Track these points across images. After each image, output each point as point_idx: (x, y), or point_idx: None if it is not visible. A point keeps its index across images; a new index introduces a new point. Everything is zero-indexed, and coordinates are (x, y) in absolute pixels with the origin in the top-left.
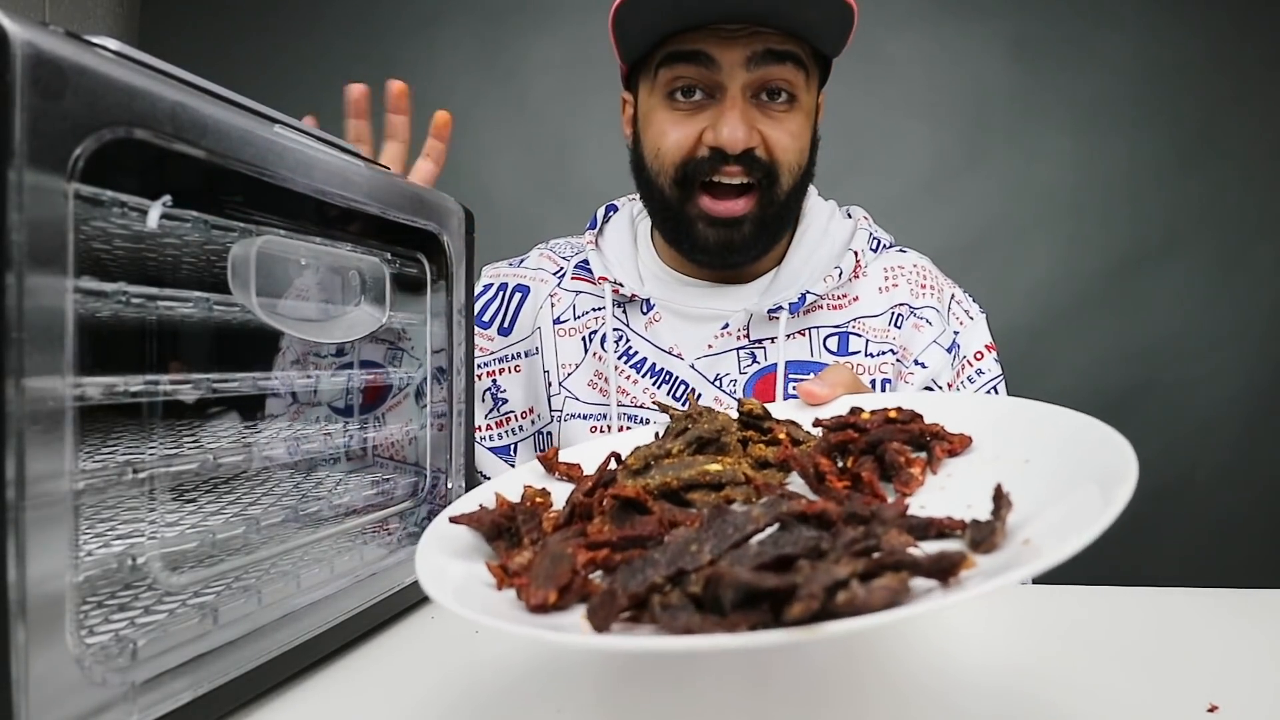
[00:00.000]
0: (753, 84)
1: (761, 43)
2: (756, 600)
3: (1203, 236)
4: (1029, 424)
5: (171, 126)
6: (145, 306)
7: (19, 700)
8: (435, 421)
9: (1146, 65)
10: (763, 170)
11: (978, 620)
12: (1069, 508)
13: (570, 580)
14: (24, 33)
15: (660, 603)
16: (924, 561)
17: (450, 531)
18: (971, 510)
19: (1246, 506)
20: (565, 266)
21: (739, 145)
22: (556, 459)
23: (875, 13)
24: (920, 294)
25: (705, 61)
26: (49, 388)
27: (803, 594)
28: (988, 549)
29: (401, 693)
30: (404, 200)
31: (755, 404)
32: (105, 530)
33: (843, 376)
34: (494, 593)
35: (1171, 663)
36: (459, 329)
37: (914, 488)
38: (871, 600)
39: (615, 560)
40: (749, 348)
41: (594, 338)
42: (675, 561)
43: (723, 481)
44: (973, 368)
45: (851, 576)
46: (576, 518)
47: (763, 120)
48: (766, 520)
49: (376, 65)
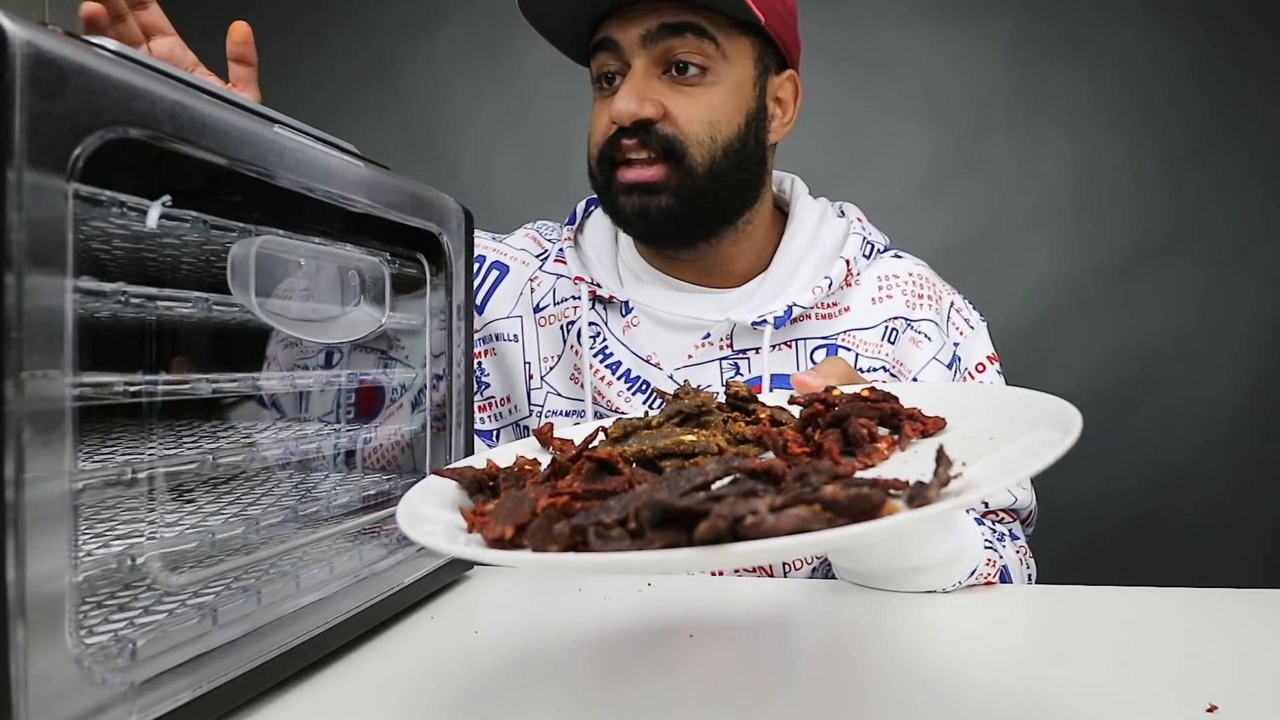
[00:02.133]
0: (656, 59)
1: (656, 18)
2: (674, 523)
3: (1203, 236)
4: (999, 406)
5: (171, 126)
6: (144, 306)
7: (18, 700)
8: (434, 422)
9: (1146, 65)
10: (663, 143)
11: (978, 619)
12: (997, 461)
13: (529, 519)
14: (24, 33)
15: (596, 531)
16: (842, 499)
17: (438, 486)
18: (927, 478)
19: (1246, 506)
20: (549, 250)
21: (624, 118)
22: (551, 434)
23: (875, 13)
24: (917, 305)
25: (611, 46)
26: (49, 387)
27: (712, 515)
28: (921, 503)
29: (401, 693)
30: (404, 200)
31: (741, 386)
32: (105, 530)
33: (837, 369)
34: (461, 534)
35: (1171, 663)
36: (459, 328)
37: (876, 459)
38: (779, 525)
39: (576, 507)
40: (732, 358)
41: (571, 329)
42: (627, 507)
43: (695, 451)
44: (974, 380)
45: (767, 507)
46: (554, 476)
47: (670, 93)
48: (718, 473)
49: (376, 65)
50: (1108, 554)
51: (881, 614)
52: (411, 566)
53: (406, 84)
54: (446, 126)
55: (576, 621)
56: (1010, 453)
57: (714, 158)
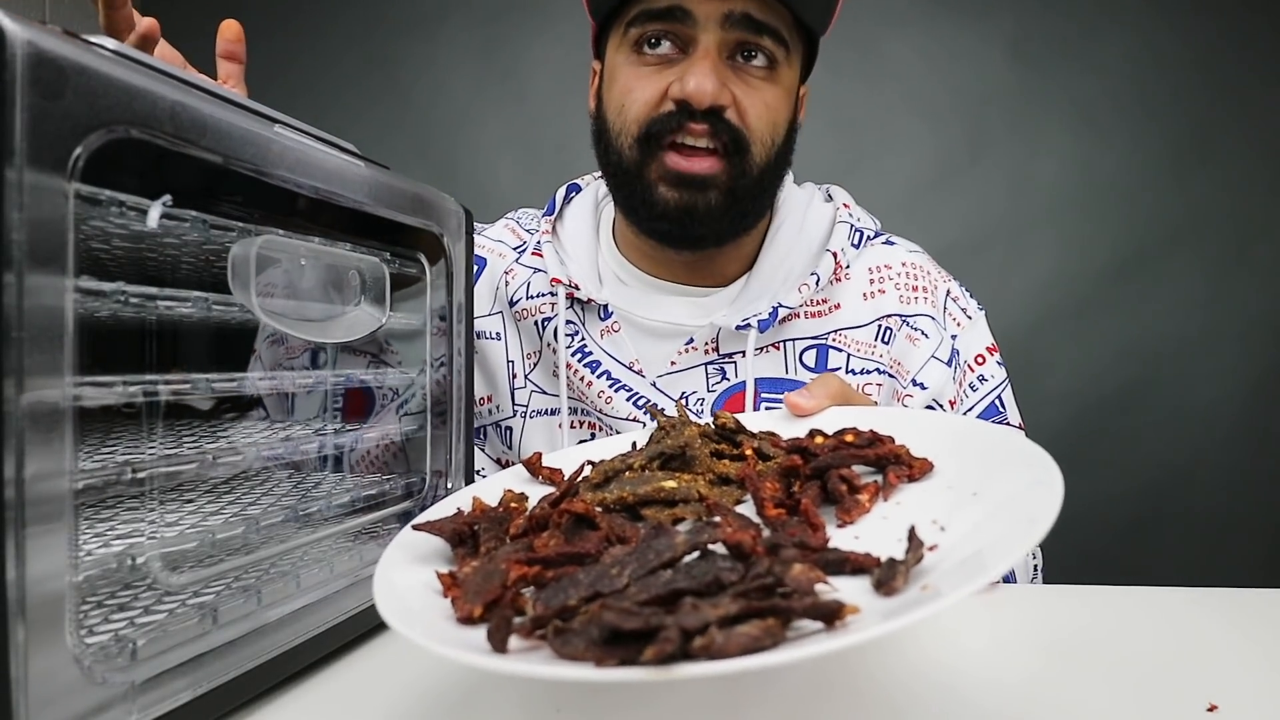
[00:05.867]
0: (728, 44)
1: (742, 4)
2: (627, 639)
3: (1202, 236)
4: (986, 451)
5: (171, 126)
6: (144, 306)
7: (18, 699)
8: (435, 421)
9: (1146, 65)
10: (732, 134)
11: (977, 619)
12: (973, 552)
13: (499, 595)
14: (24, 33)
15: (555, 629)
16: (798, 608)
17: (417, 539)
18: (902, 545)
19: (1246, 506)
20: (528, 241)
21: (706, 99)
22: (540, 464)
23: (875, 12)
24: (912, 298)
25: (679, 16)
26: (49, 387)
27: (660, 637)
28: (888, 592)
29: (402, 693)
30: (404, 200)
31: (729, 417)
32: (105, 530)
33: (831, 387)
34: (439, 599)
35: (1171, 663)
36: (459, 328)
37: (856, 515)
38: (727, 647)
39: (547, 577)
40: (718, 362)
41: (546, 326)
42: (595, 584)
43: (676, 499)
44: (974, 374)
45: (718, 621)
46: (533, 529)
47: (736, 82)
48: (685, 548)
49: (376, 63)
50: (1108, 553)
51: None
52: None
53: (406, 83)
54: (446, 125)
55: None
56: (982, 545)
57: (768, 159)
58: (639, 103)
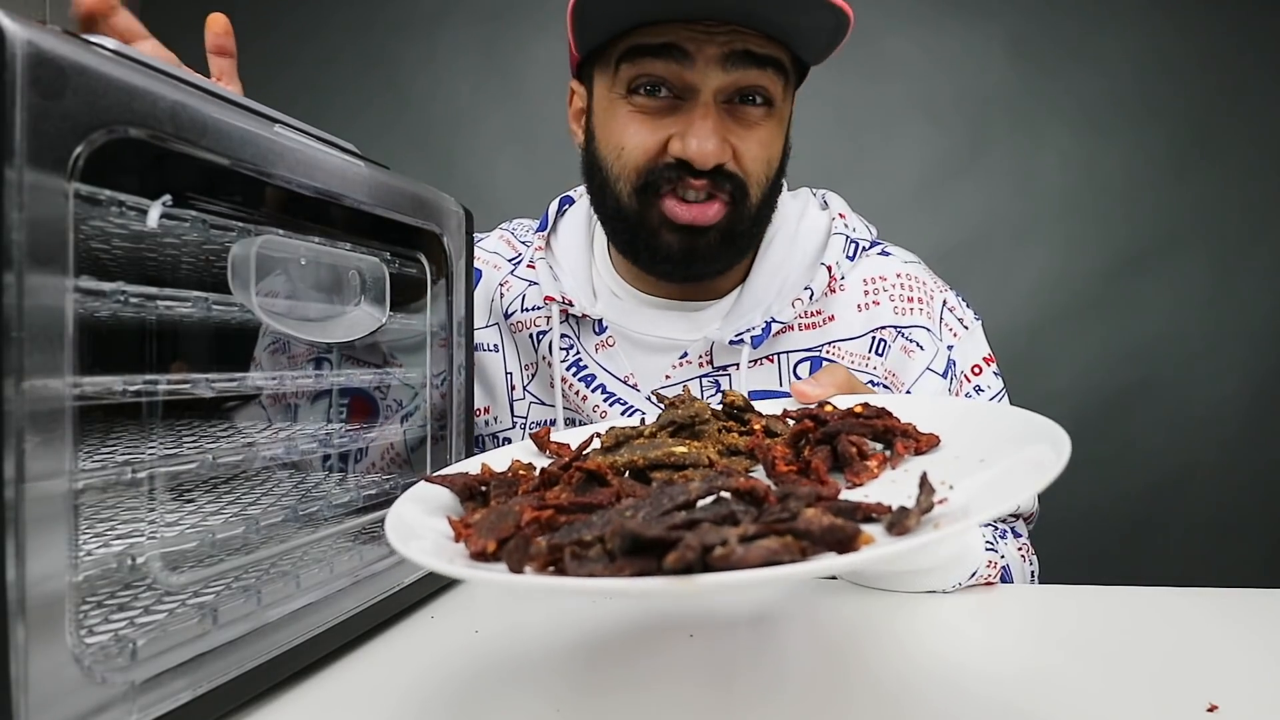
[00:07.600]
0: (727, 88)
1: (742, 41)
2: (647, 551)
3: (1202, 236)
4: (990, 425)
5: (171, 126)
6: (144, 306)
7: (18, 699)
8: (435, 422)
9: (1146, 65)
10: (732, 184)
11: (978, 619)
12: (979, 490)
13: (512, 533)
14: (24, 33)
15: (572, 553)
16: (815, 530)
17: (429, 493)
18: (911, 502)
19: (1246, 506)
20: (523, 253)
21: (709, 161)
22: (549, 438)
23: (875, 12)
24: (907, 310)
25: (677, 56)
26: (49, 387)
27: (680, 545)
28: (900, 532)
29: (401, 693)
30: (404, 200)
31: (738, 395)
32: (105, 530)
33: (838, 377)
34: (449, 543)
35: (1171, 663)
36: (459, 329)
37: (864, 479)
38: (748, 557)
39: (560, 521)
40: (712, 375)
41: (542, 340)
42: (609, 524)
43: (686, 463)
44: (970, 384)
45: (738, 537)
46: (544, 485)
47: (735, 129)
48: (700, 492)
49: (377, 64)
50: (1107, 553)
51: (882, 614)
52: (411, 566)
53: (406, 83)
54: (444, 124)
55: (577, 620)
56: (995, 477)
57: (762, 195)
58: (638, 150)
